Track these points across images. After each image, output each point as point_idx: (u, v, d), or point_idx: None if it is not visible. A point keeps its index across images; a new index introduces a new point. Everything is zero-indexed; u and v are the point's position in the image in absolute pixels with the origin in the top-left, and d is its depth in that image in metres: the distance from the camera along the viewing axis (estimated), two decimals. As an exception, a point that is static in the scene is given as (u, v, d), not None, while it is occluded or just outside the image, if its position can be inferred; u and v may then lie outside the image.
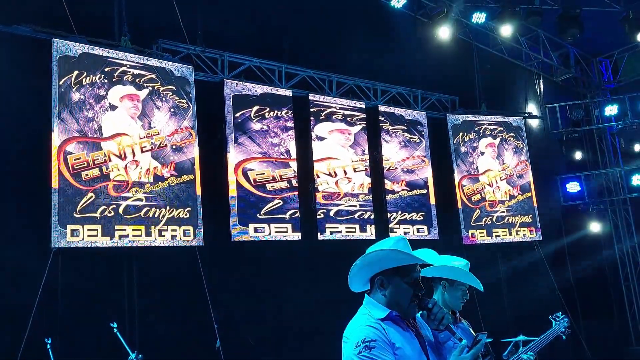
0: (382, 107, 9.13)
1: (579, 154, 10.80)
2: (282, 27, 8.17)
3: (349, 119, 8.69)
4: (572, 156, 10.79)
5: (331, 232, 8.13)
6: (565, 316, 4.15)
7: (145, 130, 6.77)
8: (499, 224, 9.81)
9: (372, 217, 8.54)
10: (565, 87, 11.55)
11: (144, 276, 6.52)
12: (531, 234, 10.03)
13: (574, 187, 10.86)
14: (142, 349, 5.14)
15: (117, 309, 6.11)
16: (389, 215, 8.75)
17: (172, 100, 7.04)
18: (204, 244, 6.88)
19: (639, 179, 10.48)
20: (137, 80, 6.81)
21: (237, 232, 7.30)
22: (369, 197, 8.60)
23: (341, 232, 8.22)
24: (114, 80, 6.63)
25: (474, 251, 9.27)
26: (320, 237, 8.00)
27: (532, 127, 10.67)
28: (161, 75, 6.99)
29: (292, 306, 7.39)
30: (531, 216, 10.09)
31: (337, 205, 8.28)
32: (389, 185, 8.90)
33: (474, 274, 3.20)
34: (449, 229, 9.39)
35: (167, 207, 6.72)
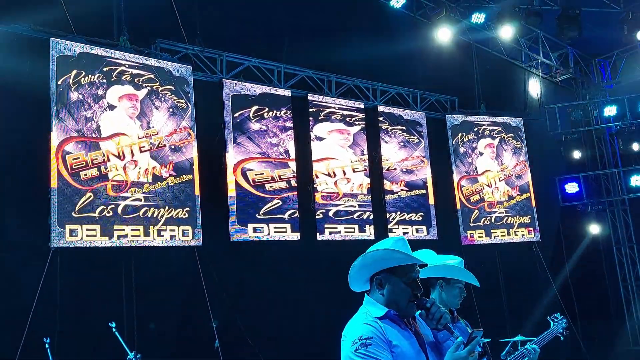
0: (381, 108, 9.13)
1: (577, 155, 10.80)
2: (281, 27, 8.16)
3: (348, 119, 8.69)
4: (571, 157, 10.79)
5: (330, 233, 8.13)
6: (563, 317, 4.15)
7: (143, 130, 6.76)
8: (497, 224, 9.81)
9: (371, 217, 8.54)
10: (564, 87, 11.56)
11: (143, 276, 6.51)
12: (530, 235, 10.03)
13: (572, 188, 10.86)
14: (141, 349, 5.14)
15: (116, 309, 6.10)
16: (388, 215, 8.76)
17: (170, 100, 7.04)
18: (202, 244, 6.88)
19: (637, 180, 10.50)
20: (136, 80, 6.80)
21: (236, 232, 7.31)
22: (368, 198, 8.60)
23: (340, 232, 8.22)
24: (113, 80, 6.63)
25: (472, 251, 9.28)
26: (319, 237, 8.01)
27: (531, 127, 10.66)
28: (160, 75, 6.99)
29: (291, 306, 7.40)
30: (530, 217, 10.09)
31: (336, 205, 8.28)
32: (388, 185, 8.90)
33: (470, 272, 3.21)
34: (448, 230, 9.39)
35: (166, 207, 6.71)
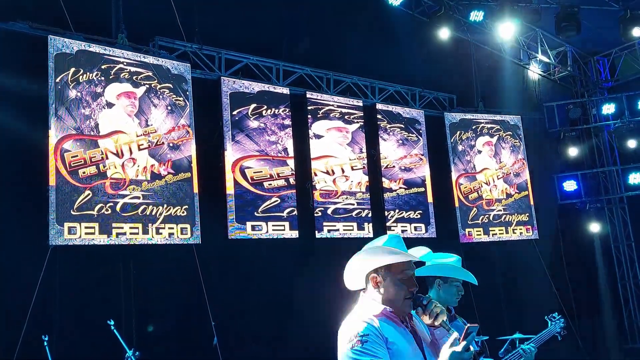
0: (379, 105, 9.12)
1: (576, 153, 10.82)
2: (280, 25, 8.16)
3: (346, 117, 8.69)
4: (569, 155, 10.81)
5: (329, 230, 8.14)
6: (561, 317, 4.16)
7: (142, 128, 6.76)
8: (495, 222, 9.83)
9: (370, 215, 8.54)
10: (562, 85, 11.57)
11: (141, 274, 6.51)
12: (528, 233, 10.05)
13: (570, 186, 10.88)
14: (139, 346, 5.15)
15: (115, 307, 6.11)
16: (386, 213, 8.76)
17: (169, 98, 7.03)
18: (201, 242, 6.88)
19: (635, 178, 10.52)
20: (134, 77, 6.80)
21: (235, 230, 7.31)
22: (367, 196, 8.60)
23: (339, 230, 8.23)
24: (111, 77, 6.62)
25: (470, 249, 9.29)
26: (317, 235, 8.01)
27: (529, 125, 10.67)
28: (158, 72, 6.98)
29: (289, 304, 7.40)
30: (528, 215, 10.11)
31: (335, 203, 8.28)
32: (386, 183, 8.91)
33: (468, 270, 3.21)
34: (446, 227, 9.40)
35: (165, 205, 6.71)
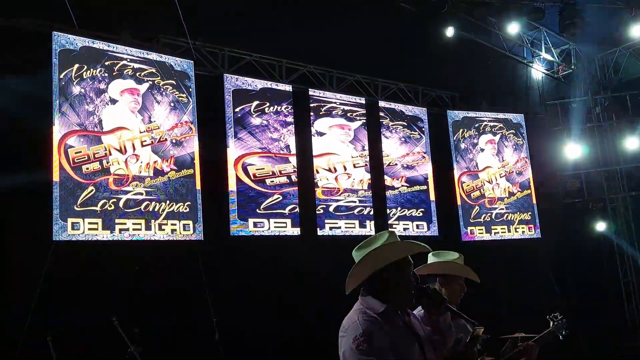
0: (382, 103, 9.12)
1: (579, 151, 10.79)
2: (282, 22, 8.14)
3: (349, 114, 8.69)
4: (572, 153, 10.77)
5: (330, 228, 8.15)
6: (563, 317, 4.16)
7: (145, 124, 6.78)
8: (498, 221, 9.81)
9: (372, 213, 8.55)
10: (566, 83, 11.52)
11: (143, 270, 6.53)
12: (530, 232, 10.04)
13: (573, 185, 10.84)
14: (142, 342, 5.17)
15: (117, 303, 6.12)
16: (388, 211, 8.76)
17: (172, 94, 7.05)
18: (203, 239, 6.90)
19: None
20: (138, 74, 6.81)
21: (237, 227, 7.32)
22: (369, 193, 8.60)
23: (340, 227, 8.24)
24: (115, 74, 6.64)
25: (472, 248, 9.28)
26: (319, 232, 8.02)
27: (532, 123, 10.65)
28: (161, 69, 6.99)
29: (291, 301, 7.41)
30: (530, 213, 10.09)
31: (337, 200, 8.29)
32: (388, 181, 8.91)
33: (470, 268, 3.21)
34: (449, 226, 9.39)
35: (167, 202, 6.73)
